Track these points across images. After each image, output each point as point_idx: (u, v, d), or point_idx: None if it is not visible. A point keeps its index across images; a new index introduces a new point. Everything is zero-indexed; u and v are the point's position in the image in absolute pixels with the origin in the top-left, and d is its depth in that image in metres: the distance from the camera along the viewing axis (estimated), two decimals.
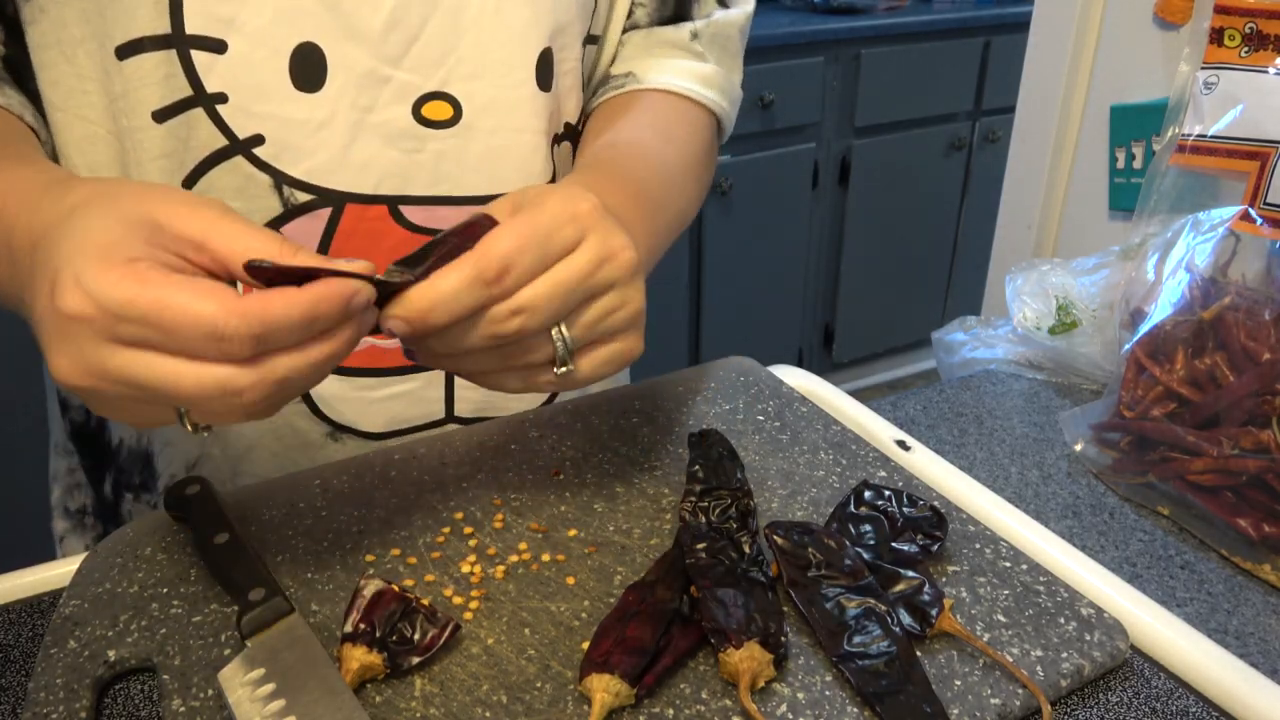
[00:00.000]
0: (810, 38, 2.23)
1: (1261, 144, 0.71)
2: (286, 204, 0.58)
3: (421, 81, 0.59)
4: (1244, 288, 0.64)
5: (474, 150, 0.61)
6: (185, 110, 0.56)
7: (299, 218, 0.58)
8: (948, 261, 2.75)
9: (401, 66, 0.58)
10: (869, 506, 0.52)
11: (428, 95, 0.59)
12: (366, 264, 0.41)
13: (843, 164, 2.44)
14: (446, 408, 0.66)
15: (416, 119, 0.59)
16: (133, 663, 0.44)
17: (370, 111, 0.58)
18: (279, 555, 0.51)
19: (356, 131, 0.58)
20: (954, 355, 0.83)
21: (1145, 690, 0.45)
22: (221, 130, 0.56)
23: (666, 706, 0.41)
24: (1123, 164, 0.89)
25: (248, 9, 0.54)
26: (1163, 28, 0.83)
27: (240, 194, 0.57)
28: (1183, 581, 0.55)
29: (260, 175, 0.57)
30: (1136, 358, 0.65)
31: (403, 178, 0.60)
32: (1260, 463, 0.56)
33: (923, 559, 0.49)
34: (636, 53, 0.70)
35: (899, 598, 0.46)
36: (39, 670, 0.44)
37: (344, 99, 0.57)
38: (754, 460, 0.58)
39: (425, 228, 0.61)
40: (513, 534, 0.52)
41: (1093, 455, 0.66)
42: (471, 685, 0.43)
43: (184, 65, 0.55)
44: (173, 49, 0.54)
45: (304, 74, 0.56)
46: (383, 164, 0.59)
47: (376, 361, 0.63)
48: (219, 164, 0.57)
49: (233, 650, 0.44)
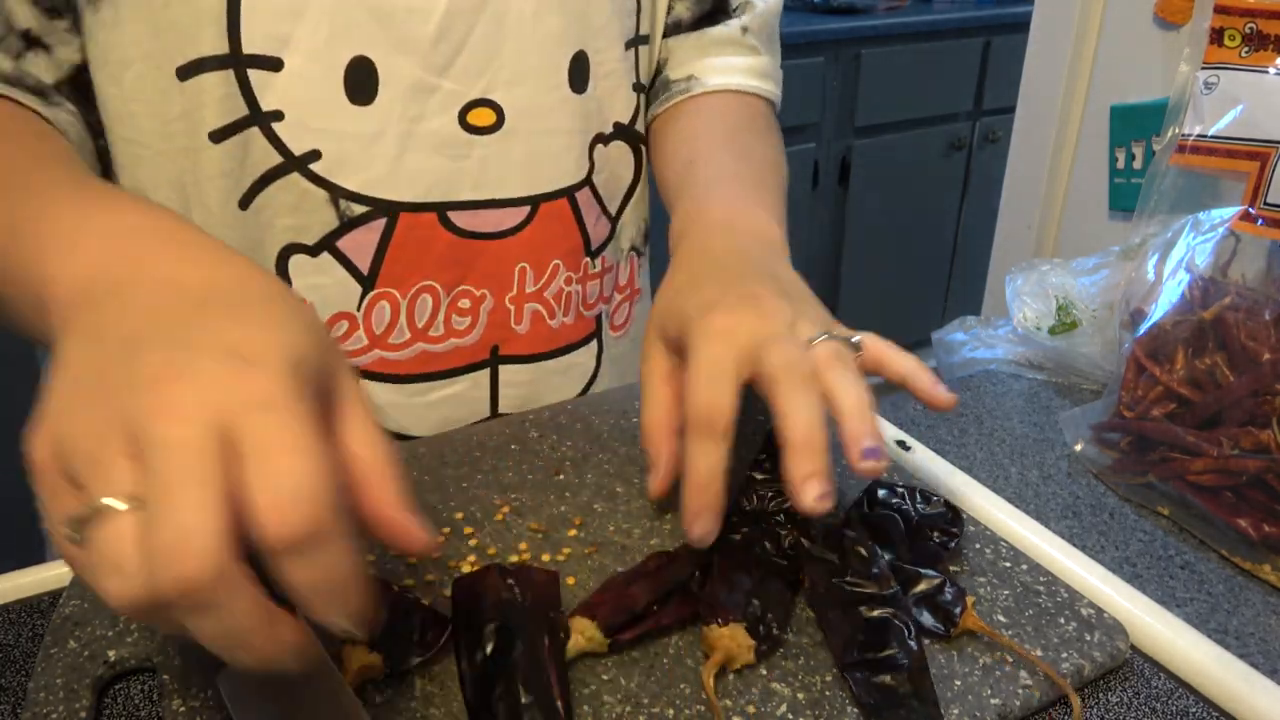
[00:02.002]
0: (810, 38, 2.23)
1: (1261, 144, 0.71)
2: (342, 217, 0.59)
3: (466, 89, 0.60)
4: (1244, 288, 0.64)
5: (516, 153, 0.62)
6: (242, 130, 0.56)
7: (355, 229, 0.59)
8: (948, 261, 2.75)
9: (448, 76, 0.59)
10: (883, 506, 0.52)
11: (473, 102, 0.60)
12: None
13: (843, 164, 2.43)
14: (491, 405, 0.67)
15: (462, 126, 0.60)
16: (133, 663, 0.44)
17: (419, 121, 0.59)
18: None
19: (407, 141, 0.59)
20: (954, 355, 0.83)
21: (1145, 690, 0.45)
22: (276, 148, 0.57)
23: (667, 706, 0.41)
24: (1123, 164, 0.89)
25: (304, 26, 0.55)
26: (1163, 28, 0.83)
27: (296, 210, 0.58)
28: (1183, 581, 0.55)
29: (316, 190, 0.58)
30: (1136, 358, 0.65)
31: (450, 184, 0.61)
32: (1260, 463, 0.56)
33: (942, 557, 0.49)
34: (693, 55, 0.73)
35: (921, 597, 0.46)
36: (39, 670, 0.44)
37: (394, 110, 0.58)
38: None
39: (471, 231, 0.62)
40: (513, 534, 0.52)
41: (1093, 455, 0.66)
42: None
43: (240, 84, 0.55)
44: (230, 69, 0.55)
45: (357, 88, 0.57)
46: (432, 172, 0.60)
47: (426, 366, 0.64)
48: (275, 180, 0.58)
49: None
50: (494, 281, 0.64)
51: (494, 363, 0.66)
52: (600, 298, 0.72)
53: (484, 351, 0.66)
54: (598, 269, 0.70)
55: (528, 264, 0.65)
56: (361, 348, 0.62)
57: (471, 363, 0.66)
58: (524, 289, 0.65)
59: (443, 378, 0.65)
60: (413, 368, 0.64)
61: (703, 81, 0.71)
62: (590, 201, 0.68)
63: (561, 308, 0.68)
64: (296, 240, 0.59)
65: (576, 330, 0.70)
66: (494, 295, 0.64)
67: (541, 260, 0.66)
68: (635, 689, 0.42)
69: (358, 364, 0.62)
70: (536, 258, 0.65)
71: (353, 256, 0.60)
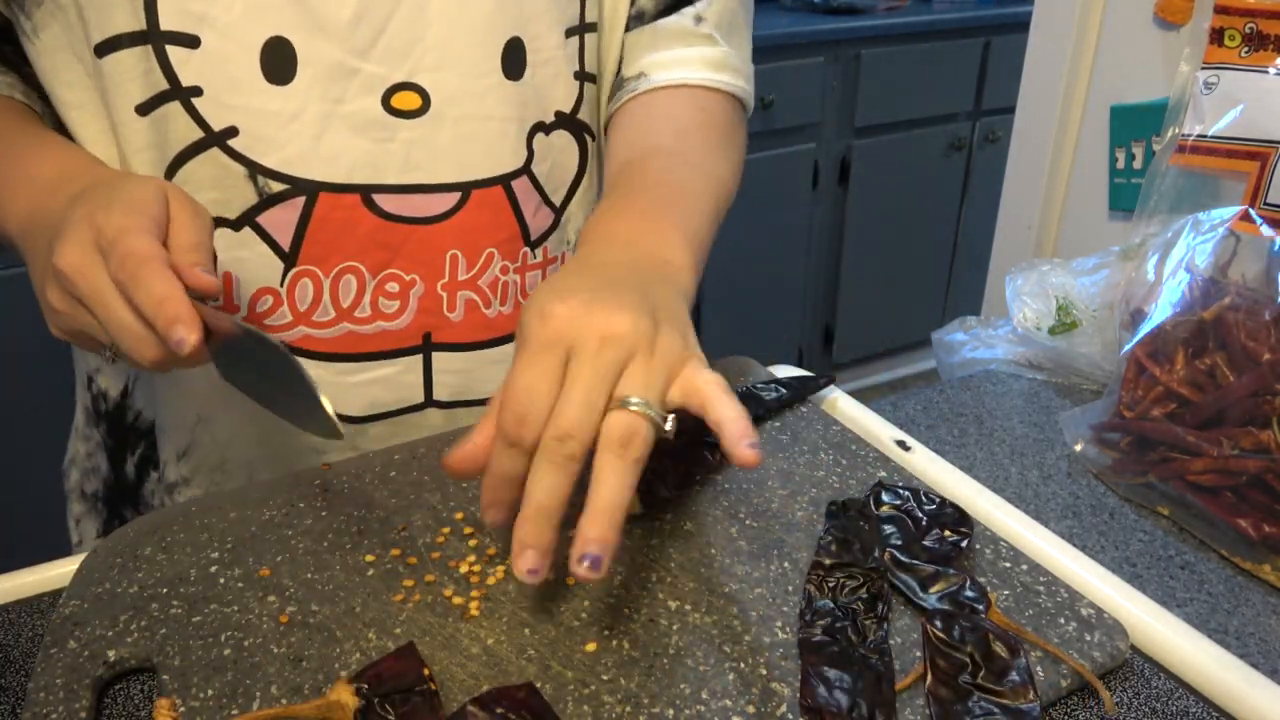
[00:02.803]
0: (810, 38, 2.23)
1: (1261, 144, 0.71)
2: (261, 193, 0.59)
3: (389, 73, 0.60)
4: (1244, 288, 0.64)
5: (443, 138, 0.62)
6: (163, 104, 0.58)
7: (274, 207, 0.60)
8: (948, 261, 2.75)
9: (369, 59, 0.59)
10: (890, 508, 0.51)
11: (396, 86, 0.60)
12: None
13: (843, 164, 2.43)
14: (425, 392, 0.67)
15: (386, 109, 0.60)
16: (133, 663, 0.45)
17: (340, 103, 0.59)
18: (279, 556, 0.51)
19: (327, 122, 0.59)
20: (954, 355, 0.83)
21: (1145, 690, 0.45)
22: (197, 123, 0.58)
23: (666, 707, 0.41)
24: (1123, 164, 0.89)
25: (218, 5, 0.56)
26: (1163, 28, 0.83)
27: (217, 184, 0.59)
28: (1183, 581, 0.55)
29: (235, 166, 0.59)
30: (1136, 358, 0.65)
31: (374, 167, 0.61)
32: (1260, 463, 0.56)
33: (955, 556, 0.49)
34: (644, 50, 0.69)
35: (943, 596, 0.46)
36: (39, 670, 0.44)
37: (314, 91, 0.58)
38: None
39: (398, 215, 0.62)
40: (513, 534, 0.52)
41: (1093, 455, 0.66)
42: (472, 686, 0.42)
43: (159, 60, 0.56)
44: (149, 45, 0.56)
45: (274, 67, 0.57)
46: (354, 153, 0.60)
47: (353, 347, 0.64)
48: (196, 155, 0.59)
49: (233, 649, 0.44)
50: (424, 267, 0.64)
51: (427, 349, 0.66)
52: None
53: (415, 337, 0.65)
54: (539, 259, 0.69)
55: (459, 251, 0.64)
56: (287, 323, 0.62)
57: (401, 347, 0.65)
58: (456, 276, 0.65)
59: (371, 359, 0.64)
60: (339, 347, 0.64)
61: (650, 79, 0.68)
62: (529, 191, 0.67)
63: (498, 297, 0.67)
64: (219, 214, 0.60)
65: (515, 320, 0.68)
66: (425, 281, 0.64)
67: (474, 248, 0.65)
68: (635, 689, 0.42)
69: (285, 338, 0.62)
70: (469, 245, 0.64)
71: (273, 233, 0.60)
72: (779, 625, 0.46)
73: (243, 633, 0.46)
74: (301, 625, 0.46)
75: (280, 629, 0.46)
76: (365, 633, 0.45)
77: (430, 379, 0.67)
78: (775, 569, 0.49)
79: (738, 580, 0.49)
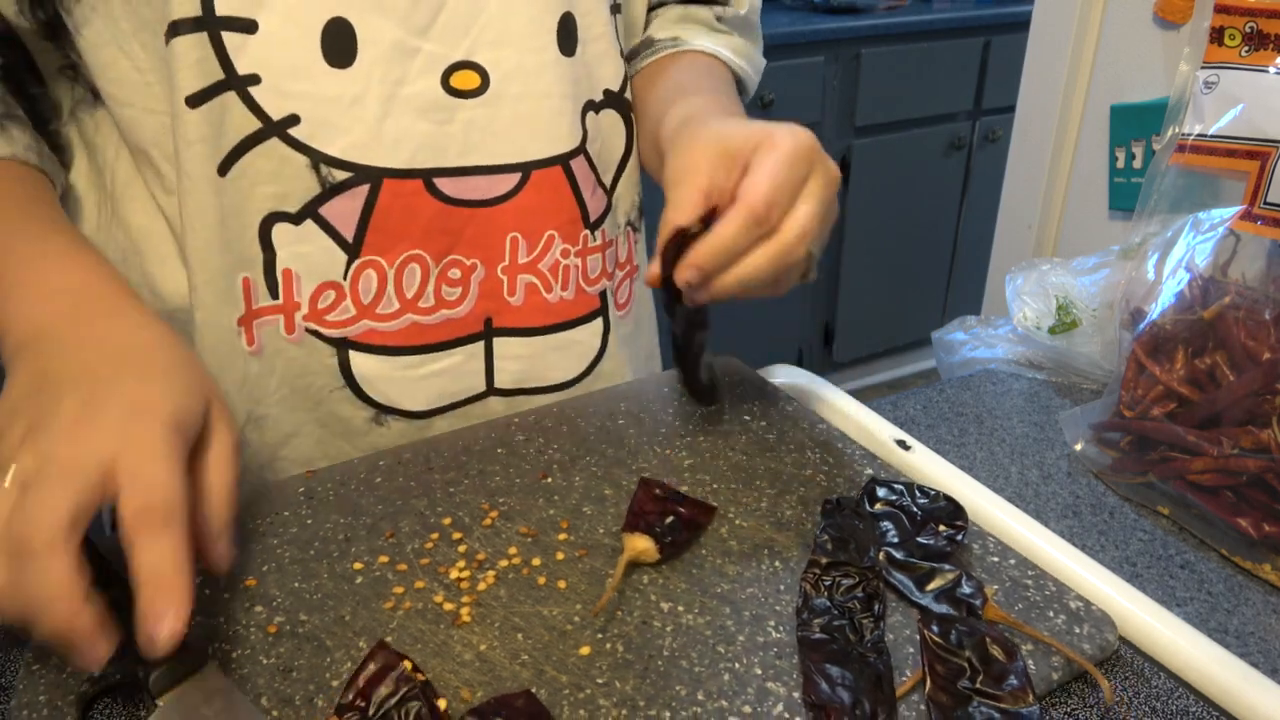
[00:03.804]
0: (810, 37, 2.23)
1: (1261, 144, 0.71)
2: (324, 183, 0.58)
3: (449, 51, 0.59)
4: (1244, 287, 0.64)
5: (502, 118, 0.61)
6: (218, 94, 0.55)
7: (337, 196, 0.58)
8: (948, 261, 2.74)
9: (429, 37, 0.58)
10: (884, 503, 0.51)
11: (455, 65, 0.59)
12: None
13: (843, 164, 2.43)
14: (487, 380, 0.66)
15: (446, 89, 0.59)
16: (117, 678, 0.43)
17: (401, 84, 0.58)
18: (265, 565, 0.50)
19: (389, 105, 0.57)
20: (954, 355, 0.82)
21: (1145, 690, 0.44)
22: (255, 113, 0.56)
23: (663, 709, 0.41)
24: (1123, 164, 0.88)
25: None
26: (1163, 27, 0.82)
27: (276, 177, 0.57)
28: (1183, 581, 0.55)
29: (296, 156, 0.57)
30: (1136, 357, 0.65)
31: (435, 149, 0.59)
32: (1260, 462, 0.56)
33: (951, 550, 0.48)
34: (673, 25, 0.75)
35: (940, 593, 0.45)
36: (21, 688, 0.43)
37: (375, 73, 0.57)
38: (741, 460, 0.58)
39: (459, 199, 0.61)
40: (502, 538, 0.51)
41: (1093, 455, 0.65)
42: (466, 693, 0.42)
43: (215, 48, 0.54)
44: (204, 31, 0.53)
45: (335, 50, 0.56)
46: (416, 137, 0.59)
47: (418, 339, 0.63)
48: (254, 147, 0.56)
49: (221, 661, 0.44)
50: (484, 251, 0.63)
51: (488, 335, 0.65)
52: (603, 273, 0.70)
53: (477, 324, 0.64)
54: (598, 242, 0.68)
55: (520, 233, 0.63)
56: (350, 318, 0.61)
57: (464, 335, 0.64)
58: (516, 259, 0.64)
59: (435, 350, 0.63)
60: (403, 339, 0.62)
61: (688, 42, 0.73)
62: (586, 171, 0.66)
63: (559, 281, 0.66)
64: (279, 208, 0.58)
65: (577, 306, 0.68)
66: (485, 265, 0.63)
67: (534, 230, 0.64)
68: (631, 692, 0.42)
69: (347, 334, 0.61)
70: (529, 227, 0.64)
71: (336, 224, 0.59)
72: (772, 625, 0.45)
73: (230, 644, 0.45)
74: (290, 635, 0.45)
75: (269, 639, 0.45)
76: (356, 641, 0.45)
77: (491, 366, 0.66)
78: (766, 568, 0.49)
79: (729, 580, 0.48)
